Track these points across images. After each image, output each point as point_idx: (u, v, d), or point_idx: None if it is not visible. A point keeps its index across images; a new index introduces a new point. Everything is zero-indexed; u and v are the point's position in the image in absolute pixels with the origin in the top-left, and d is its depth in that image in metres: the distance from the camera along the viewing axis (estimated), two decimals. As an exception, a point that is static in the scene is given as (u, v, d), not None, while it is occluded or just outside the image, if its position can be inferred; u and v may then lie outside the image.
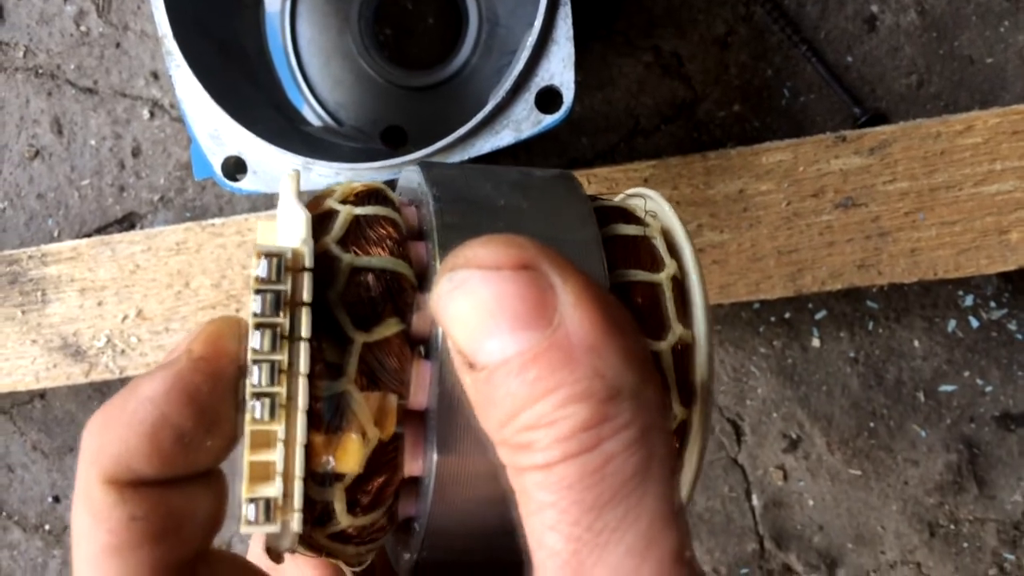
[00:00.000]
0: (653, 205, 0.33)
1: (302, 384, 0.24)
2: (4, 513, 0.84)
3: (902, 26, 0.72)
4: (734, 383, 0.76)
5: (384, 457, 0.27)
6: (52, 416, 0.83)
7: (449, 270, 0.23)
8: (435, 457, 0.27)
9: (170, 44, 0.57)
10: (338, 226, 0.28)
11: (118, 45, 0.79)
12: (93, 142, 0.80)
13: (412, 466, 0.28)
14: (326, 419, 0.25)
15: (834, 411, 0.75)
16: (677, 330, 0.29)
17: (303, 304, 0.25)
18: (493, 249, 0.23)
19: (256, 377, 0.24)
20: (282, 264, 0.25)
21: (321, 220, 0.28)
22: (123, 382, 0.80)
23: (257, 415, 0.24)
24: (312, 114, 0.74)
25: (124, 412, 0.25)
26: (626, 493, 0.21)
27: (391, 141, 0.74)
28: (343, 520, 0.26)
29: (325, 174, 0.58)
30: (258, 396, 0.24)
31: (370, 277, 0.26)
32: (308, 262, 0.25)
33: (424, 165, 0.31)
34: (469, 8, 0.73)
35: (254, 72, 0.71)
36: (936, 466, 0.74)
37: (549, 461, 0.21)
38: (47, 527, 0.83)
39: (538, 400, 0.21)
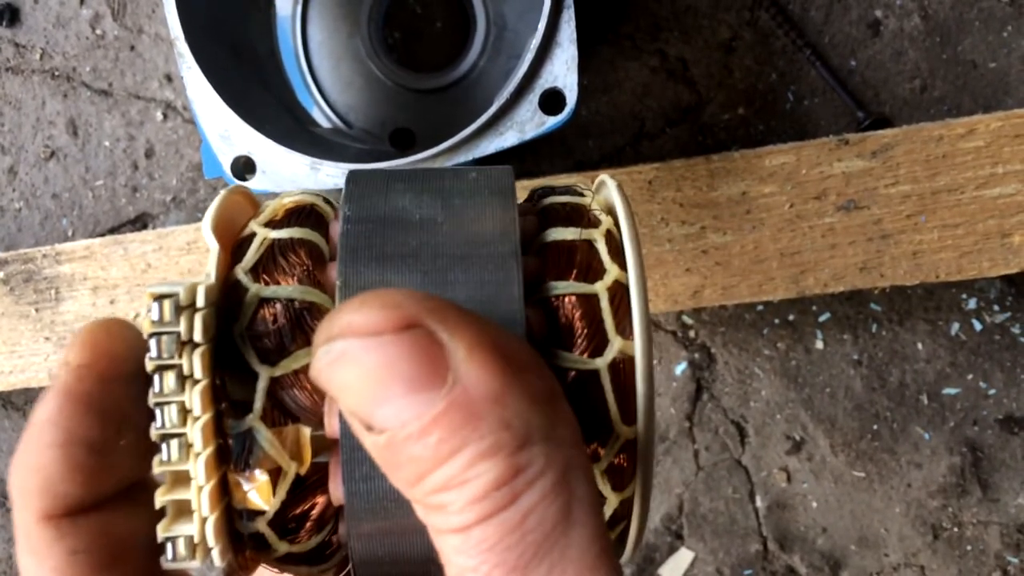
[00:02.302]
0: (605, 192, 0.30)
1: (199, 427, 0.24)
2: (17, 508, 0.85)
3: (906, 31, 0.73)
4: (738, 385, 0.76)
5: (307, 487, 0.26)
6: (65, 413, 0.84)
7: (325, 341, 0.21)
8: (341, 488, 0.26)
9: (182, 46, 0.59)
10: (250, 254, 0.27)
11: (132, 48, 0.81)
12: (107, 143, 0.81)
13: (336, 493, 0.26)
14: (235, 457, 0.25)
15: (837, 413, 0.75)
16: (616, 343, 0.27)
17: (196, 345, 0.24)
18: (369, 313, 0.21)
19: (160, 420, 0.24)
20: (175, 305, 0.24)
21: (240, 245, 0.28)
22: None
23: (165, 457, 0.24)
24: (322, 116, 0.75)
25: (32, 444, 0.24)
26: (549, 547, 0.20)
27: (399, 143, 0.75)
28: (280, 547, 0.26)
29: (333, 174, 0.59)
30: (165, 438, 0.24)
31: (277, 308, 0.26)
32: (200, 300, 0.24)
33: (351, 176, 0.30)
34: (477, 12, 0.74)
35: (265, 74, 0.72)
36: (939, 469, 0.75)
37: (465, 524, 0.20)
38: (59, 523, 0.85)
39: (444, 462, 0.20)
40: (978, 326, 0.74)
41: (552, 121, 0.57)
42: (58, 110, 0.82)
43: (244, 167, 0.60)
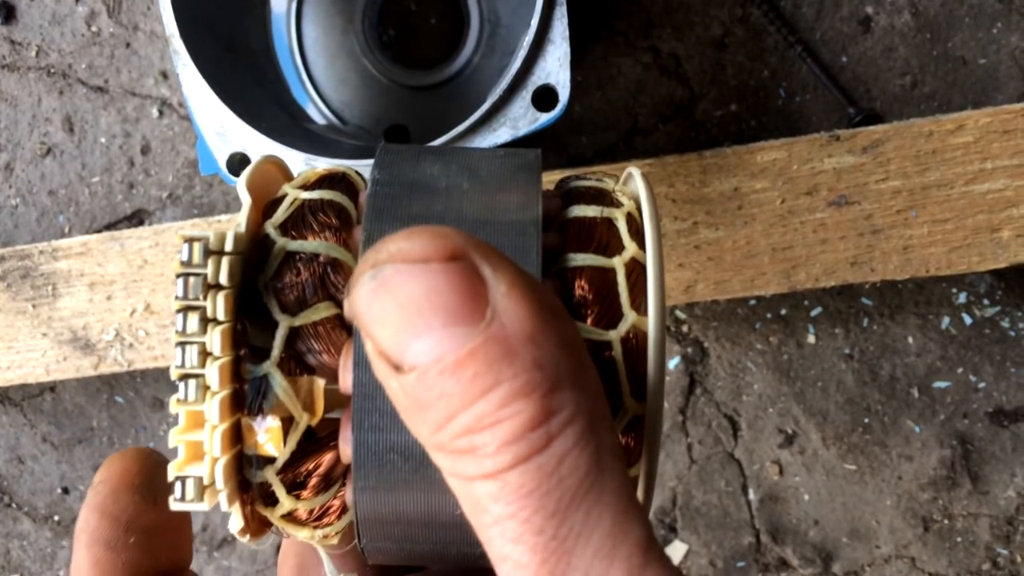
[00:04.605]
0: (632, 184, 0.31)
1: (217, 367, 0.24)
2: (14, 504, 0.85)
3: (896, 27, 0.73)
4: (731, 379, 0.77)
5: (318, 443, 0.26)
6: (62, 408, 0.84)
7: (371, 266, 0.21)
8: (351, 441, 0.25)
9: (177, 43, 0.59)
10: (281, 210, 0.27)
11: (128, 45, 0.81)
12: (103, 140, 0.82)
13: (346, 450, 0.26)
14: (249, 402, 0.25)
15: (829, 407, 0.76)
16: (630, 318, 0.27)
17: (221, 288, 0.25)
18: (418, 241, 0.21)
19: (181, 359, 0.25)
20: (205, 248, 0.25)
21: (273, 205, 0.28)
22: (131, 375, 0.82)
23: (182, 396, 0.25)
24: (317, 113, 0.76)
25: (74, 547, 0.30)
26: (584, 493, 0.20)
27: (394, 139, 0.76)
28: (286, 502, 0.26)
29: (327, 170, 0.59)
30: (185, 378, 0.25)
31: (302, 261, 0.26)
32: (229, 246, 0.25)
33: (383, 147, 0.30)
34: (471, 9, 0.75)
35: (260, 71, 0.72)
36: (930, 461, 0.75)
37: (500, 467, 0.20)
38: (56, 518, 0.85)
39: (477, 399, 0.20)
40: (968, 320, 0.74)
41: (545, 118, 0.57)
42: (54, 107, 0.82)
43: (240, 163, 0.60)
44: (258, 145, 0.59)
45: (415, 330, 0.20)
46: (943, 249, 0.66)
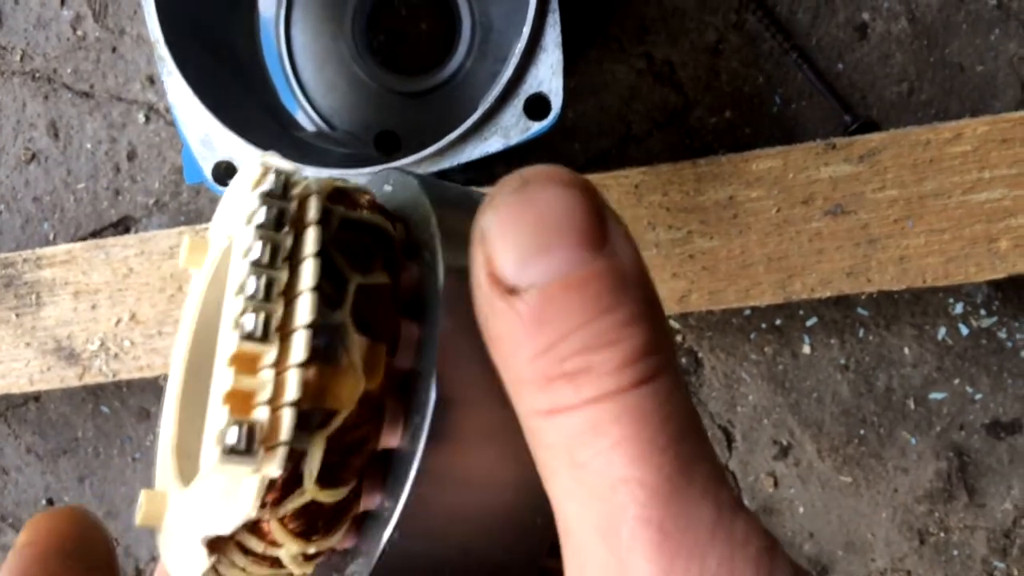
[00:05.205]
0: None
1: (309, 294, 0.22)
2: (-2, 515, 0.84)
3: (893, 34, 0.72)
4: (725, 389, 0.76)
5: (365, 415, 0.24)
6: (46, 419, 0.83)
7: (520, 179, 0.21)
8: (432, 400, 0.23)
9: (162, 50, 0.58)
10: (321, 186, 0.25)
11: (114, 50, 0.80)
12: (89, 146, 0.80)
13: (389, 437, 0.24)
14: (321, 349, 0.22)
15: (824, 418, 0.75)
16: None
17: (312, 222, 0.23)
18: (560, 168, 0.22)
19: (252, 287, 0.22)
20: (288, 182, 0.23)
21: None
22: (116, 385, 0.81)
23: (249, 329, 0.21)
24: (306, 119, 0.75)
25: None
26: (690, 426, 0.21)
27: (384, 146, 0.75)
28: (309, 489, 0.23)
29: (315, 179, 0.58)
30: (252, 310, 0.22)
31: (361, 227, 0.25)
32: (314, 185, 0.23)
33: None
34: (462, 13, 0.74)
35: (247, 77, 0.71)
36: (926, 474, 0.75)
37: (622, 386, 0.20)
38: (41, 529, 0.84)
39: (599, 317, 0.20)
40: (965, 331, 0.73)
41: (537, 127, 0.56)
42: (39, 112, 0.81)
43: (226, 172, 0.59)
44: (244, 153, 0.58)
45: (546, 246, 0.20)
46: (940, 259, 0.65)
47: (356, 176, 0.56)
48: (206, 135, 0.58)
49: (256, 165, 0.23)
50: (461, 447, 0.24)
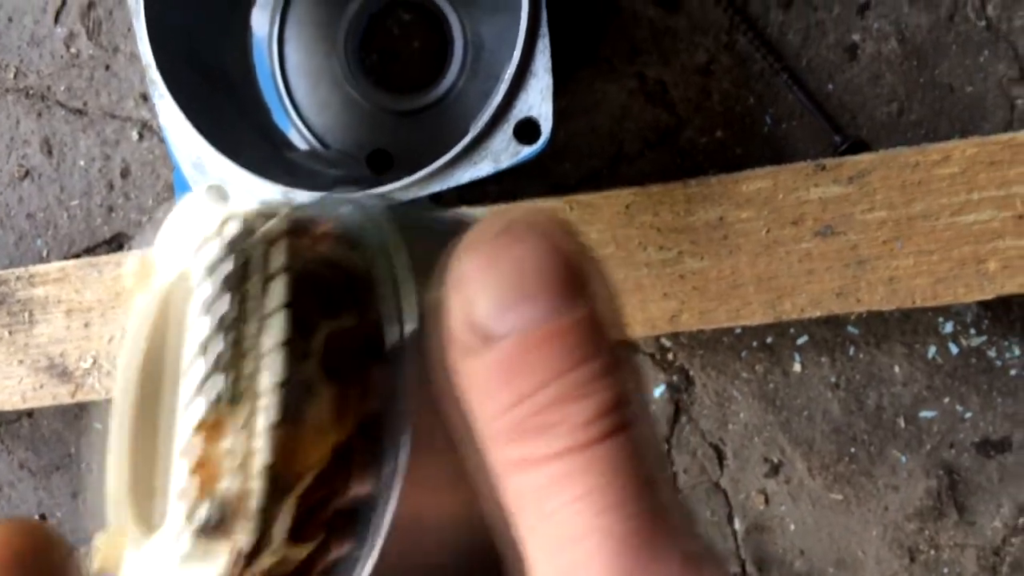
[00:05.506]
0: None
1: (279, 350, 0.21)
2: (-9, 530, 0.84)
3: (883, 54, 0.73)
4: (716, 407, 0.76)
5: (334, 467, 0.23)
6: (39, 435, 0.83)
7: (501, 223, 0.21)
8: (406, 447, 0.22)
9: (154, 74, 0.58)
10: (284, 224, 0.23)
11: (108, 67, 0.80)
12: (82, 163, 0.80)
13: (358, 486, 0.23)
14: (292, 408, 0.21)
15: (815, 436, 0.75)
16: None
17: (278, 271, 0.22)
18: (540, 214, 0.21)
19: (219, 347, 0.21)
20: (247, 227, 0.21)
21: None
22: (109, 403, 0.81)
23: (217, 393, 0.20)
24: (299, 138, 0.75)
25: None
26: (660, 473, 0.21)
27: (377, 165, 0.75)
28: (279, 549, 0.22)
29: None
30: (220, 370, 0.20)
31: (327, 265, 0.23)
32: (278, 226, 0.22)
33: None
34: (454, 33, 0.74)
35: (240, 97, 0.71)
36: (916, 492, 0.75)
37: (593, 438, 0.20)
38: (34, 545, 0.84)
39: (575, 368, 0.20)
40: (955, 350, 0.74)
41: (527, 151, 0.57)
42: (32, 129, 0.81)
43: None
44: (235, 177, 0.58)
45: (526, 294, 0.20)
46: (929, 280, 0.66)
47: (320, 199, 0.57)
48: (198, 158, 0.59)
49: (212, 205, 0.22)
50: (431, 492, 0.23)
